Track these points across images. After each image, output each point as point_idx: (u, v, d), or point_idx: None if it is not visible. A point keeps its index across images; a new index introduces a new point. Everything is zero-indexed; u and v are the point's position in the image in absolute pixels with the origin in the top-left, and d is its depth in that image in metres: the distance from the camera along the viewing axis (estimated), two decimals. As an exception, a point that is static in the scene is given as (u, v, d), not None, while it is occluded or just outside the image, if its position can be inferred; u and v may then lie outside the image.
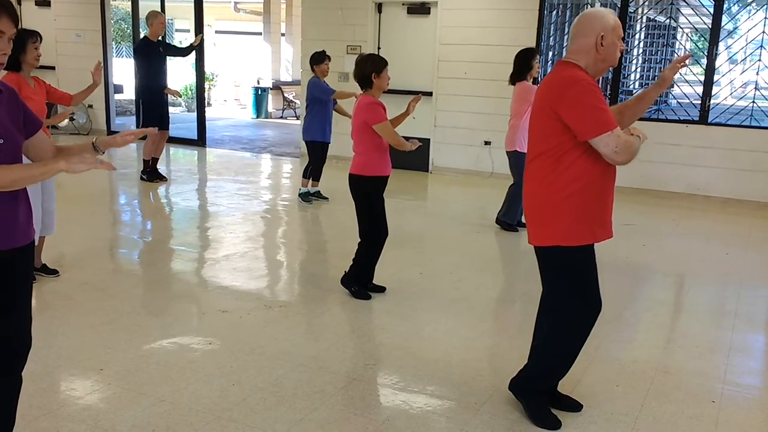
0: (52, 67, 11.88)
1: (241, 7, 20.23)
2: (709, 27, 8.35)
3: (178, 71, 11.70)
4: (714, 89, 8.52)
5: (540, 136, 2.91)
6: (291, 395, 3.28)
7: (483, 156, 9.41)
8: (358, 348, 3.95)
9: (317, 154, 7.44)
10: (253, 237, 6.34)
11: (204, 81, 11.89)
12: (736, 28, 9.35)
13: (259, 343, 3.86)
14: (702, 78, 8.58)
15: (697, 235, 6.89)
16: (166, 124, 8.59)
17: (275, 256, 5.93)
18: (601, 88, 2.92)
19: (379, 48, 9.70)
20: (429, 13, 9.54)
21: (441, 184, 9.30)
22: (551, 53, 9.59)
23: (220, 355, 3.70)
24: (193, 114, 12.66)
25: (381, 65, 4.43)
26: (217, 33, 21.06)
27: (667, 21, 13.72)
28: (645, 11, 10.87)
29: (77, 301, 4.45)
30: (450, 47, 9.36)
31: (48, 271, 4.82)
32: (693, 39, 15.16)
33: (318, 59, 7.27)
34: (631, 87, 10.99)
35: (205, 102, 12.28)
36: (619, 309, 4.56)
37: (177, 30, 20.87)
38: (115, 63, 13.10)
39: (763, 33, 8.09)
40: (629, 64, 12.26)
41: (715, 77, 8.58)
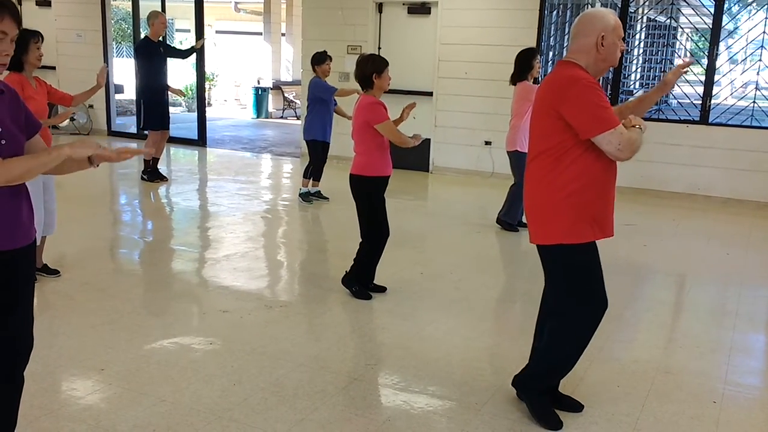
0: (52, 67, 11.89)
1: (242, 7, 20.23)
2: (710, 27, 8.35)
3: (178, 71, 11.69)
4: (714, 89, 8.52)
5: (540, 135, 2.92)
6: (292, 395, 3.28)
7: (483, 156, 9.41)
8: (359, 348, 3.95)
9: (318, 153, 7.44)
10: (254, 237, 6.34)
11: (204, 81, 11.89)
12: (736, 28, 9.35)
13: (260, 343, 3.86)
14: (702, 78, 8.57)
15: (698, 235, 6.89)
16: (166, 123, 8.60)
17: (276, 256, 5.93)
18: (602, 87, 2.92)
19: (380, 48, 9.70)
20: (429, 13, 9.54)
21: (441, 184, 9.31)
22: (552, 53, 9.59)
23: (221, 355, 3.71)
24: (194, 114, 12.67)
25: (382, 65, 4.43)
26: (218, 33, 21.05)
27: (668, 21, 13.72)
28: (645, 11, 10.87)
29: (78, 301, 4.45)
30: (450, 47, 9.36)
31: (49, 271, 4.82)
32: (693, 39, 15.16)
33: (319, 59, 7.27)
34: (632, 87, 11.00)
35: (206, 102, 12.29)
36: (620, 309, 4.56)
37: (177, 30, 20.86)
38: (116, 63, 13.11)
39: (764, 33, 8.09)
40: (630, 64, 12.26)
41: (716, 77, 8.58)
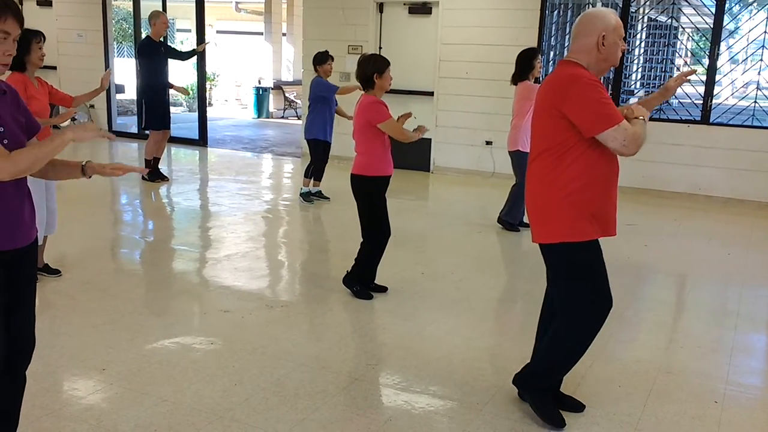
0: (53, 67, 11.90)
1: (243, 7, 20.24)
2: (711, 27, 8.34)
3: (179, 71, 11.67)
4: (716, 89, 8.53)
5: (542, 135, 2.92)
6: (293, 395, 3.28)
7: (484, 156, 9.40)
8: (360, 348, 3.95)
9: (319, 153, 7.44)
10: (255, 237, 6.34)
11: (205, 81, 11.89)
12: (737, 27, 9.33)
13: (261, 343, 3.86)
14: (704, 78, 8.57)
15: (699, 235, 6.89)
16: (167, 123, 8.61)
17: (277, 255, 5.93)
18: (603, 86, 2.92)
19: (381, 48, 9.70)
20: (430, 13, 9.54)
21: (442, 184, 9.30)
22: (553, 53, 9.59)
23: (222, 355, 3.71)
24: (195, 114, 12.67)
25: (383, 65, 4.43)
26: (219, 33, 21.05)
27: (669, 21, 13.70)
28: (646, 11, 10.86)
29: (79, 301, 4.46)
30: (451, 47, 9.36)
31: (50, 271, 4.82)
32: (694, 39, 15.15)
33: (321, 59, 7.27)
34: (633, 87, 10.99)
35: (207, 102, 12.29)
36: (621, 309, 4.55)
37: (178, 30, 20.86)
38: (117, 63, 13.11)
39: (765, 33, 8.08)
40: (630, 64, 12.26)
41: (717, 77, 8.58)
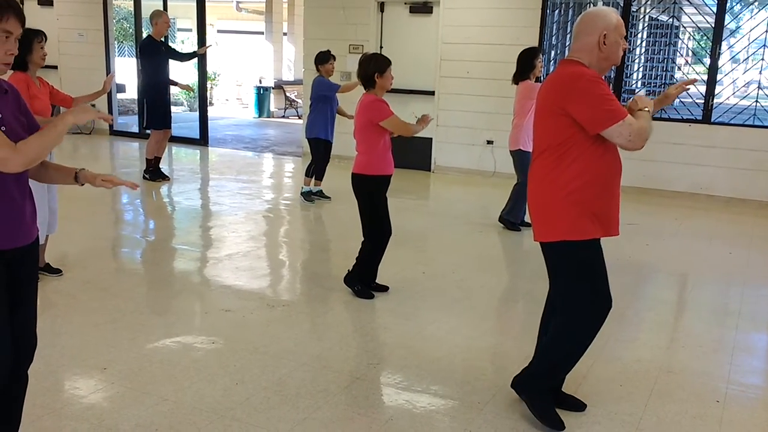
0: (54, 67, 11.90)
1: (243, 7, 20.22)
2: (712, 26, 8.33)
3: (180, 70, 11.67)
4: (717, 88, 8.52)
5: (543, 134, 2.92)
6: (294, 394, 3.28)
7: (485, 155, 9.40)
8: (361, 347, 3.95)
9: (320, 152, 7.44)
10: (256, 236, 6.34)
11: (206, 80, 11.89)
12: (738, 27, 9.33)
13: (263, 342, 3.86)
14: (705, 77, 8.56)
15: (700, 235, 6.88)
16: (168, 122, 8.61)
17: (278, 255, 5.93)
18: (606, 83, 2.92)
19: (382, 47, 9.69)
20: (431, 12, 9.54)
21: (443, 183, 9.30)
22: (554, 52, 9.58)
23: (223, 354, 3.71)
24: (196, 113, 12.66)
25: (384, 65, 4.43)
26: (219, 32, 21.03)
27: (670, 20, 13.70)
28: (647, 10, 10.86)
29: (80, 300, 4.46)
30: (452, 46, 9.35)
31: (51, 271, 4.83)
32: (695, 38, 15.14)
33: (323, 59, 7.27)
34: (634, 86, 10.99)
35: (208, 101, 12.29)
36: (622, 308, 4.55)
37: (179, 29, 20.85)
38: (118, 62, 13.11)
39: (766, 32, 8.08)
40: (632, 63, 12.26)
41: (718, 76, 8.57)
